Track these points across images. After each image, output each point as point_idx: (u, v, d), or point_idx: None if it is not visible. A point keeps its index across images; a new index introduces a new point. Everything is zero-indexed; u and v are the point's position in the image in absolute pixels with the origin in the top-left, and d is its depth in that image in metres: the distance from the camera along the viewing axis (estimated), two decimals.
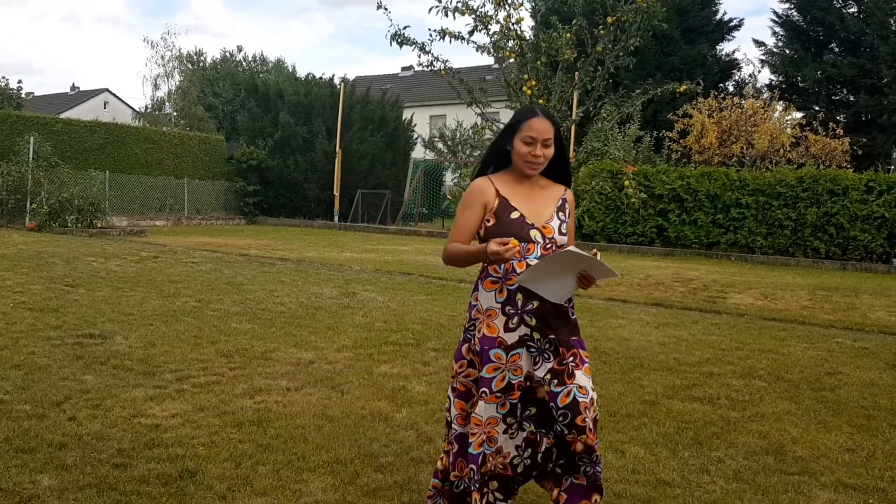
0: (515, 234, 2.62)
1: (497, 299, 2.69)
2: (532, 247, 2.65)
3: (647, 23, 4.89)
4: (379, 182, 23.25)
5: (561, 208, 2.78)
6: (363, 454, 3.57)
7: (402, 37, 4.85)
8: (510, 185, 2.74)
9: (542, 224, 2.69)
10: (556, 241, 2.69)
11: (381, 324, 6.70)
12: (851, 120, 23.22)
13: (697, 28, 25.78)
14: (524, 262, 2.63)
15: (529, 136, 2.66)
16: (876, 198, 14.80)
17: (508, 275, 2.66)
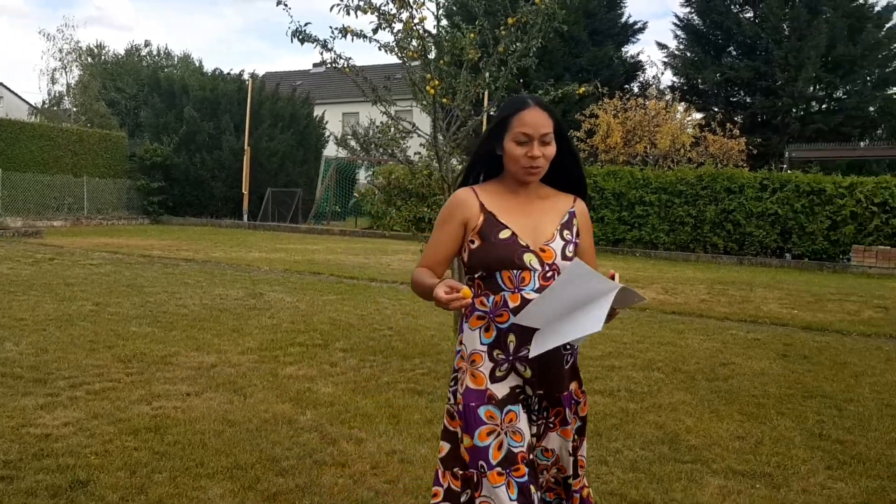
0: (504, 258, 2.09)
1: (483, 339, 2.13)
2: (527, 275, 2.09)
3: (548, 24, 4.98)
4: (290, 180, 22.89)
5: (567, 225, 2.20)
6: (265, 458, 3.50)
7: (303, 34, 4.79)
8: (500, 198, 2.20)
9: (540, 246, 2.13)
10: (559, 269, 2.12)
11: (289, 325, 6.59)
12: (748, 121, 24.30)
13: (604, 30, 26.45)
14: (517, 295, 2.08)
15: (523, 132, 2.12)
16: (770, 195, 15.54)
17: (499, 309, 2.10)
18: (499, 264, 2.11)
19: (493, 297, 2.11)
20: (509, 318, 2.09)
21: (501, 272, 2.11)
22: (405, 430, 3.96)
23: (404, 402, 4.41)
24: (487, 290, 2.13)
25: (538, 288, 2.09)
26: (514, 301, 2.09)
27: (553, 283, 2.03)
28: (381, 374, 5.05)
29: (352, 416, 4.13)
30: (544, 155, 2.15)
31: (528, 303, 2.07)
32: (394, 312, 7.45)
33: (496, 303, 2.11)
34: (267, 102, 22.89)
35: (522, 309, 2.07)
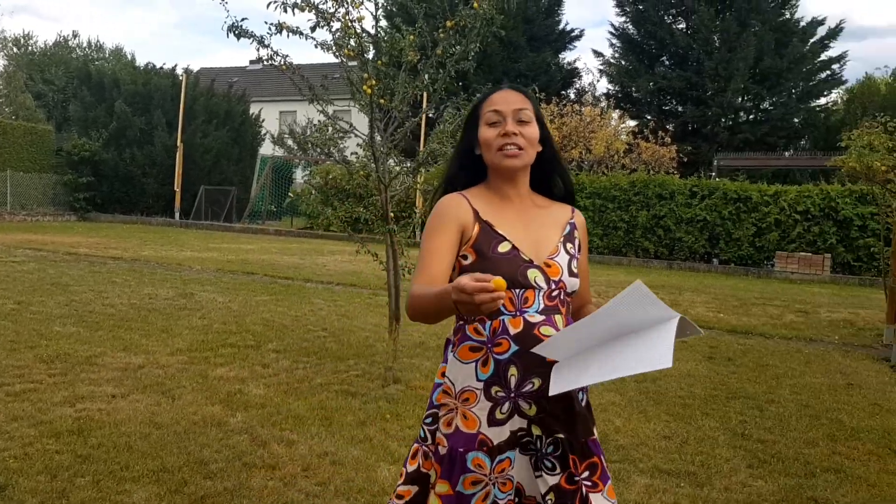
0: (506, 275, 1.73)
1: (479, 375, 1.81)
2: (530, 294, 1.80)
3: (486, 29, 5.01)
4: (224, 178, 22.47)
5: (569, 237, 1.94)
6: (192, 461, 3.43)
7: (239, 29, 4.71)
8: (493, 205, 1.90)
9: (545, 260, 1.85)
10: (566, 286, 1.86)
11: (220, 325, 6.47)
12: (679, 129, 24.94)
13: (542, 36, 26.80)
14: (519, 319, 1.78)
15: (493, 110, 1.86)
16: (699, 202, 15.99)
17: (498, 337, 1.79)
18: None
19: (490, 323, 1.80)
20: (510, 347, 1.78)
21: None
22: (337, 431, 3.93)
23: (337, 404, 4.39)
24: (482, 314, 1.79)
25: (543, 309, 1.81)
26: (515, 326, 1.78)
27: (606, 306, 1.63)
28: (315, 375, 5.01)
29: (283, 418, 4.09)
30: (522, 134, 1.86)
31: (532, 327, 1.78)
32: (329, 314, 7.39)
33: (494, 329, 1.79)
34: (201, 98, 22.42)
35: (525, 335, 1.78)
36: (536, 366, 1.77)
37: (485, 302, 1.49)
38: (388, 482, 3.32)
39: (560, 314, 1.85)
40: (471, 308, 1.52)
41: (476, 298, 1.49)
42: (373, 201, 5.22)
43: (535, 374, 1.78)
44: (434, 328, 6.83)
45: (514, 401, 1.80)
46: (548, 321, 1.81)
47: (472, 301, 1.50)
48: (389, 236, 4.97)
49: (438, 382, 1.92)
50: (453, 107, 5.60)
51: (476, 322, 1.83)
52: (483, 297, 1.48)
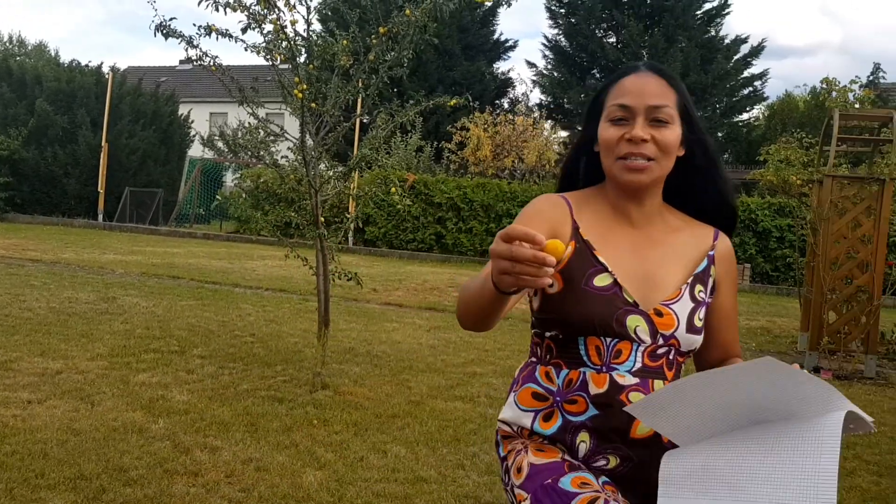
0: (597, 318, 1.40)
1: (538, 428, 1.46)
2: (625, 348, 1.41)
3: (420, 36, 5.06)
4: (151, 180, 21.89)
5: (702, 277, 1.50)
6: (112, 468, 3.35)
7: (167, 28, 4.64)
8: (603, 221, 1.50)
9: (655, 307, 1.44)
10: (680, 343, 1.44)
11: (143, 330, 6.32)
12: None
13: (477, 46, 27.06)
14: (605, 376, 1.40)
15: (619, 104, 1.43)
16: None
17: (572, 392, 1.42)
18: (586, 326, 1.41)
19: (567, 373, 1.44)
20: (586, 408, 1.40)
21: (587, 338, 1.42)
22: (263, 437, 3.89)
23: (263, 410, 4.34)
24: (559, 358, 1.46)
25: (639, 369, 1.41)
26: (598, 384, 1.40)
27: (726, 368, 1.19)
28: (241, 381, 4.94)
29: (207, 425, 4.02)
30: (655, 140, 1.41)
31: (620, 390, 1.39)
32: (257, 319, 7.30)
33: (569, 381, 1.43)
34: (128, 97, 21.81)
35: (609, 396, 1.39)
36: (617, 440, 1.39)
37: (525, 269, 1.07)
38: (314, 488, 3.30)
39: (663, 379, 1.42)
40: (505, 275, 1.10)
41: (514, 253, 1.07)
42: (303, 205, 5.19)
43: (612, 451, 1.40)
44: (365, 334, 6.81)
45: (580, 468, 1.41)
46: (642, 386, 1.40)
47: (508, 261, 1.09)
48: (319, 241, 4.95)
49: (501, 432, 1.57)
50: (386, 112, 5.62)
51: (548, 366, 1.47)
52: (523, 255, 1.06)
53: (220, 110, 31.25)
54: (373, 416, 4.38)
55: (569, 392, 1.43)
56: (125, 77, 24.09)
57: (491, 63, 27.86)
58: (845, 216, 6.89)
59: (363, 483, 3.40)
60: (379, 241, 17.66)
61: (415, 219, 17.34)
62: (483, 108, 20.24)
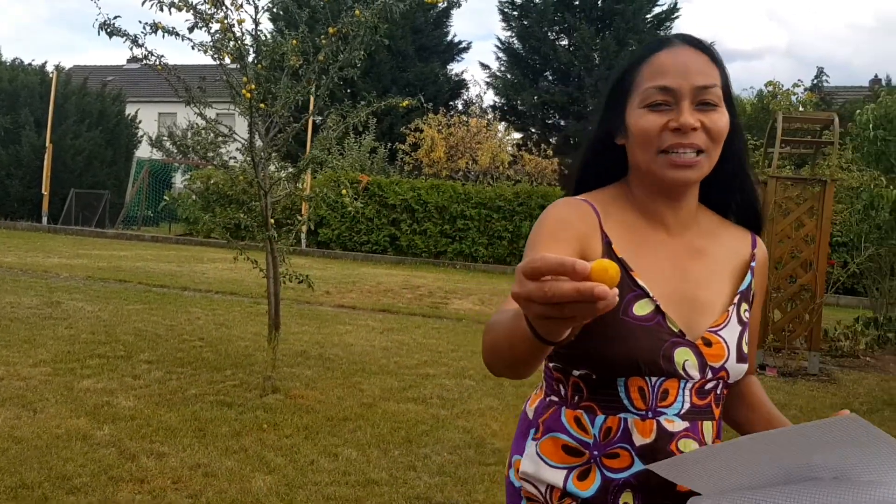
0: (641, 354, 1.15)
1: (572, 488, 1.20)
2: (672, 386, 1.18)
3: (370, 37, 5.04)
4: (97, 181, 21.39)
5: (745, 295, 1.28)
6: (55, 476, 3.27)
7: (111, 27, 4.54)
8: (635, 233, 1.24)
9: (704, 334, 1.21)
10: (728, 375, 1.22)
11: (88, 335, 6.17)
12: (561, 142, 25.75)
13: (430, 47, 27.07)
14: (651, 423, 1.17)
15: (659, 86, 1.17)
16: None
17: (612, 444, 1.18)
18: (629, 365, 1.16)
19: (604, 420, 1.19)
20: (631, 463, 1.17)
21: (628, 379, 1.17)
22: (211, 443, 3.83)
23: (212, 415, 4.27)
24: (593, 400, 1.20)
25: (687, 411, 1.18)
26: (644, 434, 1.16)
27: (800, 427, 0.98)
28: (189, 386, 4.86)
29: (154, 431, 3.95)
30: (706, 127, 1.17)
31: (669, 439, 1.16)
32: (206, 323, 7.18)
33: (608, 430, 1.18)
34: (73, 97, 21.29)
35: (657, 446, 1.16)
36: (665, 497, 1.16)
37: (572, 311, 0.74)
38: (263, 492, 3.27)
39: (712, 420, 1.22)
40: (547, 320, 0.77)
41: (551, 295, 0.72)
42: (253, 207, 5.13)
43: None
44: (317, 336, 6.76)
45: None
46: (692, 431, 1.18)
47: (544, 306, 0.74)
48: (269, 243, 4.90)
49: (517, 486, 1.27)
50: (337, 113, 5.59)
51: (579, 410, 1.21)
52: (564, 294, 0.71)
53: (168, 110, 30.69)
54: (324, 420, 4.35)
55: (608, 444, 1.18)
56: (70, 76, 23.54)
57: (445, 64, 27.89)
58: (789, 216, 7.06)
59: (313, 487, 3.37)
60: (332, 243, 17.55)
61: (369, 220, 17.27)
62: (437, 109, 20.25)
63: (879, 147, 8.65)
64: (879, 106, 8.94)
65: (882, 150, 8.63)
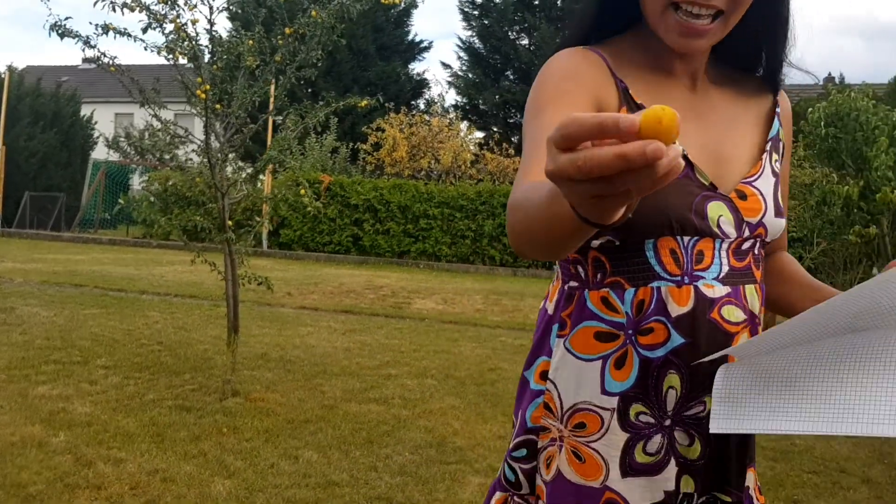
0: (671, 207, 1.03)
1: (610, 383, 1.07)
2: (707, 247, 1.06)
3: (327, 38, 5.03)
4: (52, 184, 20.98)
5: (775, 143, 1.16)
6: (9, 484, 3.21)
7: (63, 28, 4.46)
8: (645, 76, 1.12)
9: (738, 185, 1.09)
10: (767, 232, 1.11)
11: (43, 341, 6.05)
12: None
13: (391, 46, 27.03)
14: (688, 289, 1.04)
15: None
16: None
17: (647, 318, 1.05)
18: (656, 222, 1.03)
19: (633, 293, 1.06)
20: (668, 337, 1.04)
21: (657, 240, 1.05)
22: (170, 448, 3.79)
23: (170, 420, 4.23)
24: (619, 274, 1.07)
25: (726, 274, 1.06)
26: (680, 302, 1.04)
27: (858, 288, 0.89)
28: (147, 391, 4.80)
29: (111, 437, 3.89)
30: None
31: (709, 305, 1.05)
32: (165, 326, 7.09)
33: (640, 304, 1.06)
34: (27, 98, 20.86)
35: (696, 318, 1.04)
36: (712, 373, 1.03)
37: (626, 182, 0.58)
38: (223, 496, 3.25)
39: (754, 282, 1.10)
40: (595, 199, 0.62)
41: (595, 167, 0.57)
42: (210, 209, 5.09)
43: (708, 388, 1.03)
44: (278, 339, 6.72)
45: (668, 434, 1.06)
46: (734, 296, 1.07)
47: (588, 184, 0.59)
48: (227, 245, 4.86)
49: (535, 388, 1.13)
50: (296, 113, 5.56)
51: (605, 289, 1.07)
52: (610, 164, 0.56)
53: (125, 111, 30.18)
54: (284, 422, 4.33)
55: (643, 320, 1.04)
56: (23, 76, 23.03)
57: (406, 64, 27.88)
58: None
59: (273, 490, 3.36)
60: (294, 244, 17.43)
61: (331, 221, 17.20)
62: (398, 108, 20.25)
63: (831, 144, 8.88)
64: (830, 104, 9.17)
65: (833, 147, 8.85)
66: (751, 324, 1.08)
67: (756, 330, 1.09)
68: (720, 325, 1.05)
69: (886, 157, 7.98)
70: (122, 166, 23.42)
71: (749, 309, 1.08)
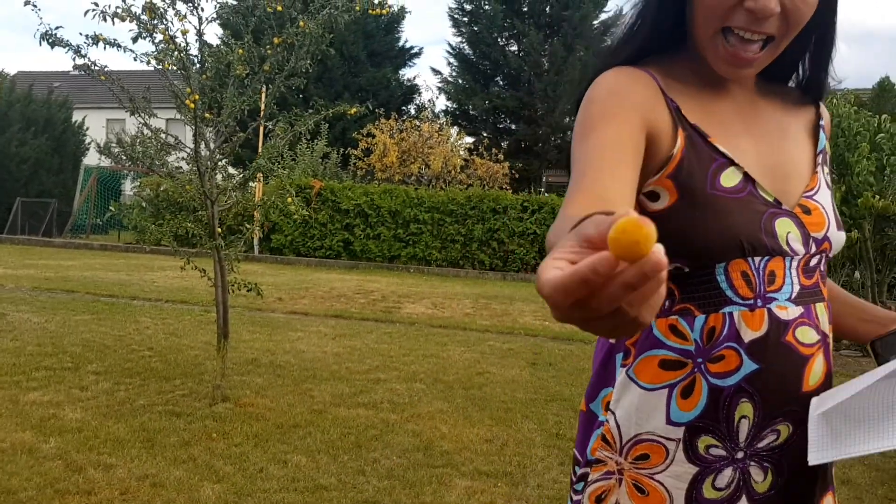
0: (741, 228, 1.00)
1: (676, 413, 1.03)
2: (778, 266, 1.02)
3: (316, 47, 5.09)
4: (44, 190, 20.96)
5: (824, 156, 1.15)
6: (0, 491, 3.26)
7: (53, 37, 4.51)
8: (693, 91, 1.08)
9: (800, 200, 1.07)
10: (831, 247, 1.09)
11: (34, 347, 6.09)
12: (512, 146, 26.01)
13: (382, 52, 27.12)
14: (761, 312, 1.02)
15: None
16: (530, 216, 16.79)
17: (717, 345, 1.02)
18: (728, 246, 1.00)
19: (704, 320, 1.03)
20: (741, 364, 1.01)
21: (728, 264, 1.01)
22: (160, 453, 3.84)
23: (160, 425, 4.28)
24: (688, 301, 1.04)
25: (798, 294, 1.03)
26: (753, 327, 1.01)
27: None
28: (137, 396, 4.85)
29: (101, 442, 3.94)
30: (786, 11, 0.99)
31: (783, 329, 1.02)
32: (155, 332, 7.13)
33: (711, 330, 1.02)
34: (18, 104, 20.84)
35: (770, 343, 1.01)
36: (787, 399, 1.01)
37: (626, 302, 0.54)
38: (212, 501, 3.30)
39: (822, 300, 1.08)
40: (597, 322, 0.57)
41: (578, 316, 0.57)
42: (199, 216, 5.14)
43: (782, 416, 1.01)
44: (269, 344, 6.77)
45: (742, 466, 1.03)
46: (806, 316, 1.04)
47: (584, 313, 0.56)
48: (216, 251, 4.92)
49: (595, 421, 1.11)
50: (285, 121, 5.62)
51: (673, 316, 1.04)
52: (599, 305, 0.54)
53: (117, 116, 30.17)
54: (274, 427, 4.39)
55: (714, 347, 1.01)
56: (14, 82, 23.03)
57: (397, 70, 27.97)
58: None
59: (262, 494, 3.42)
60: (285, 249, 17.46)
61: (322, 226, 17.25)
62: (388, 114, 20.33)
63: None
64: None
65: None
66: (823, 344, 1.06)
67: (828, 350, 1.06)
68: (795, 348, 1.02)
69: (868, 163, 8.09)
70: (114, 172, 23.41)
71: (821, 328, 1.06)
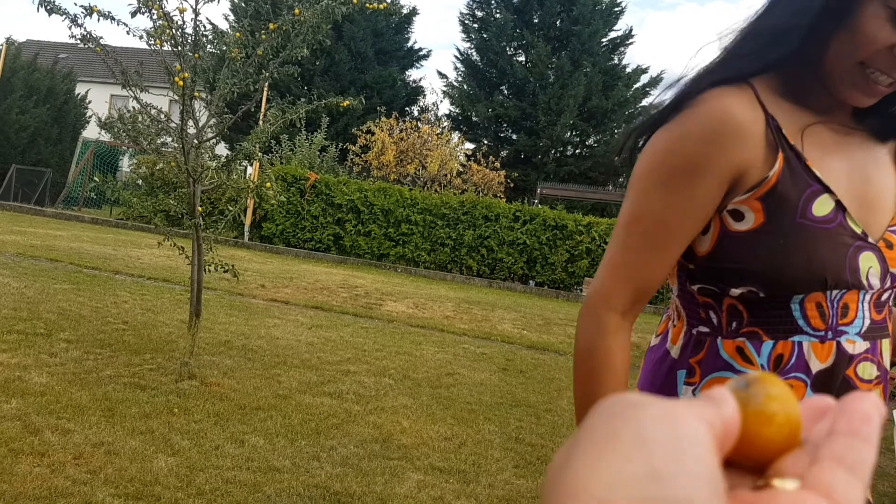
0: (827, 262, 0.98)
1: None
2: (852, 300, 1.01)
3: (312, 36, 5.14)
4: (40, 159, 20.98)
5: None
6: None
7: (51, 4, 4.55)
8: (791, 110, 1.04)
9: (885, 234, 1.04)
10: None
11: (10, 311, 6.11)
12: (511, 155, 26.11)
13: (390, 51, 27.20)
14: (830, 345, 1.00)
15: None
16: (521, 226, 16.85)
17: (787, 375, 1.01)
18: (810, 279, 0.98)
19: (772, 346, 1.01)
20: (804, 395, 0.97)
21: (806, 296, 0.99)
22: (119, 423, 3.88)
23: (123, 396, 4.31)
24: (756, 325, 1.02)
25: (867, 329, 1.02)
26: (822, 358, 1.00)
27: None
28: (105, 367, 4.88)
29: (62, 408, 3.97)
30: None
31: (847, 362, 1.01)
32: (132, 307, 7.16)
33: (778, 359, 1.01)
34: (22, 72, 20.86)
35: (835, 372, 1.00)
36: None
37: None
38: (164, 473, 3.33)
39: (888, 337, 1.07)
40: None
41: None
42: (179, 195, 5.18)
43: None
44: (244, 328, 6.80)
45: None
46: (871, 352, 1.03)
47: None
48: (195, 230, 4.95)
49: None
50: (277, 108, 5.66)
51: (742, 337, 1.02)
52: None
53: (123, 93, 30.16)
54: (236, 408, 4.42)
55: (781, 375, 0.98)
56: (20, 50, 23.02)
57: (403, 70, 28.05)
58: None
59: (215, 470, 3.45)
60: (276, 238, 17.49)
61: (314, 218, 17.28)
62: (390, 113, 20.39)
63: None
64: None
65: None
66: (883, 380, 1.04)
67: (886, 386, 1.04)
68: (853, 382, 1.01)
69: None
70: (112, 147, 23.40)
71: (882, 364, 1.04)
